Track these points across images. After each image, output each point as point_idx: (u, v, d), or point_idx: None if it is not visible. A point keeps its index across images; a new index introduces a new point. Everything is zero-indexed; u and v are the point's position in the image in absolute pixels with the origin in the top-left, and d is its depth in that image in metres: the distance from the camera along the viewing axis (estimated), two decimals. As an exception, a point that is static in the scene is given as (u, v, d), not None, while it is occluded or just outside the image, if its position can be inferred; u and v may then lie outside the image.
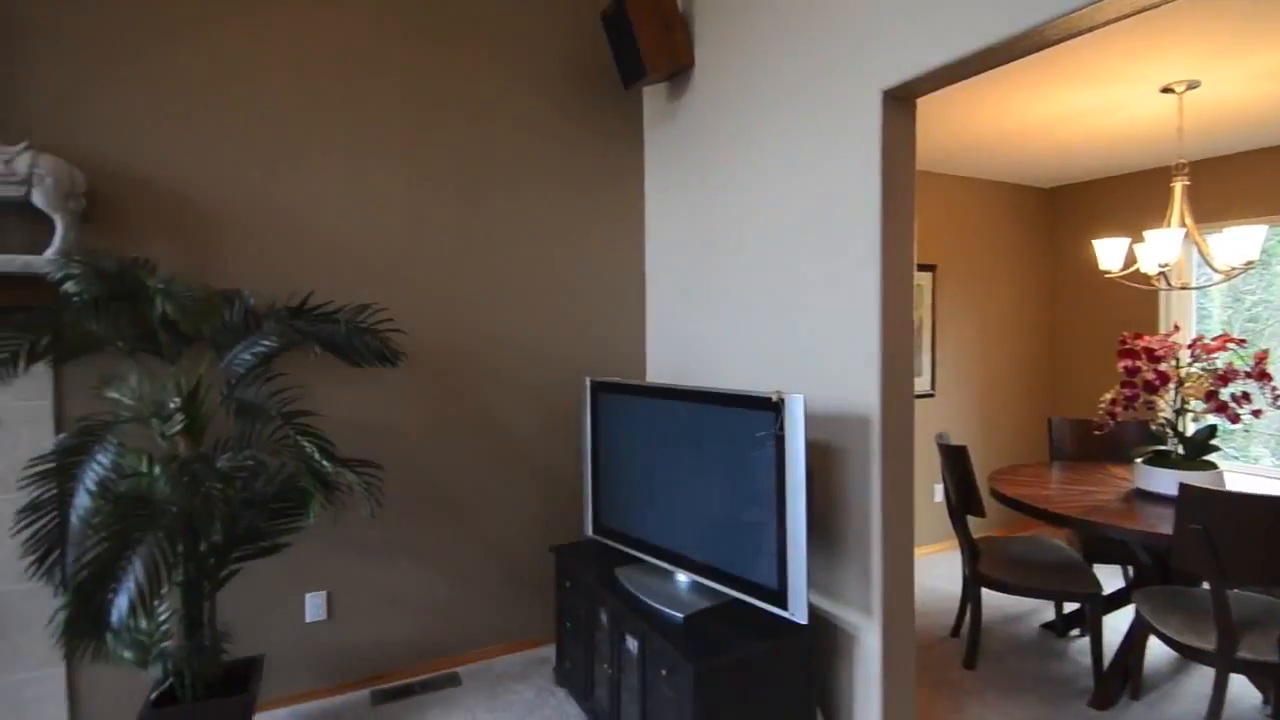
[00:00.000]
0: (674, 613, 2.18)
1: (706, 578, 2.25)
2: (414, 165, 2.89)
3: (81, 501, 1.90)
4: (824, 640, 2.24)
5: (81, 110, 2.38)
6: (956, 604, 3.70)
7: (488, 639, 3.06)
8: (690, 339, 3.05)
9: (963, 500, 3.05)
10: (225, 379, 2.23)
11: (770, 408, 2.00)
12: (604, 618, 2.43)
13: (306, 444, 2.16)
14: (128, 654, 2.05)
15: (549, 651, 3.10)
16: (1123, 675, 2.77)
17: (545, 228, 3.17)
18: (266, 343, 2.22)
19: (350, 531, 2.76)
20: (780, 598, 1.99)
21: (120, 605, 1.83)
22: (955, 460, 3.05)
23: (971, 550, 3.04)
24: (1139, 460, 2.95)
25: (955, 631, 3.33)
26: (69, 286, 2.04)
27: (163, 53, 2.49)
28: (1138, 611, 2.61)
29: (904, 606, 2.09)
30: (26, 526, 1.96)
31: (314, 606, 2.72)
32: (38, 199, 2.20)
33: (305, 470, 2.17)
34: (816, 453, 2.25)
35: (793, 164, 2.36)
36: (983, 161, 4.31)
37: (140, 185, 2.45)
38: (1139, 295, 4.47)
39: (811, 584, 2.31)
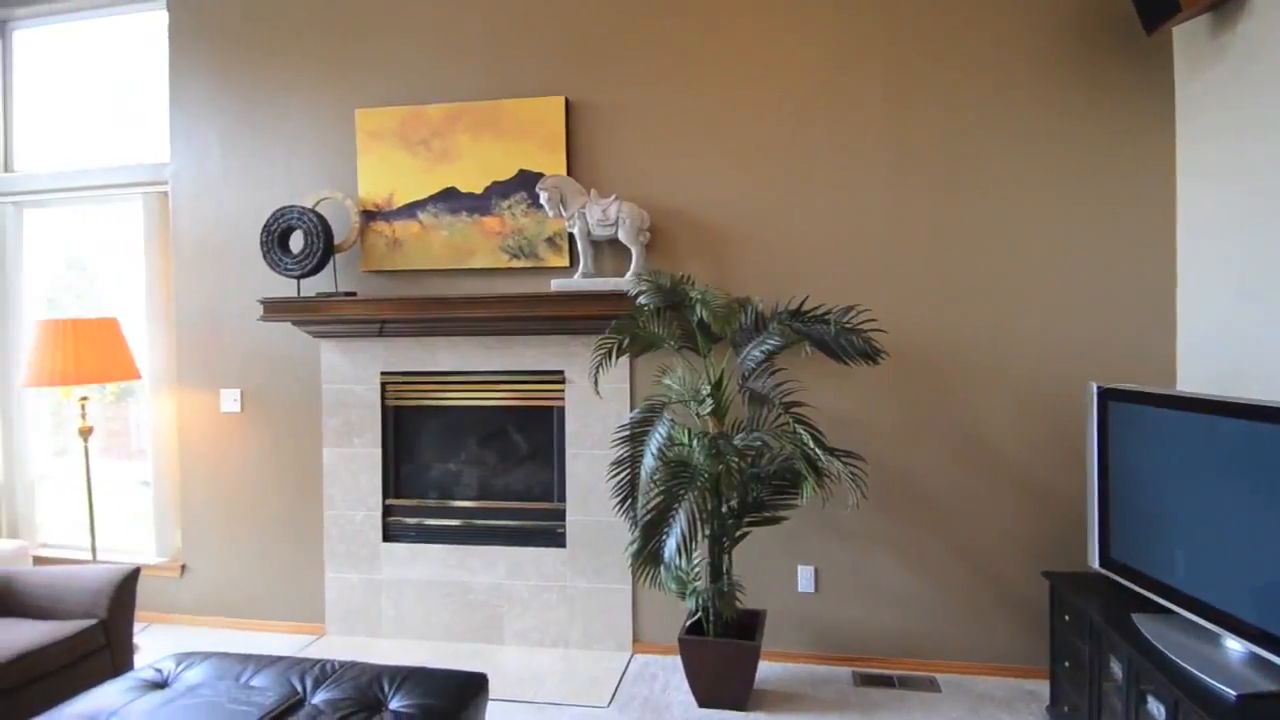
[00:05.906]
0: (1223, 687, 1.77)
1: (1271, 651, 1.77)
2: (892, 163, 2.96)
3: (647, 462, 2.53)
4: None
5: (644, 169, 3.15)
6: None
7: (965, 653, 2.95)
8: (1245, 341, 2.38)
9: None
10: (740, 372, 2.67)
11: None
12: (1116, 668, 2.12)
13: (802, 431, 2.45)
14: (673, 585, 2.66)
15: (1036, 685, 2.82)
16: None
17: (1037, 214, 2.87)
18: (771, 342, 2.59)
19: (835, 516, 2.96)
20: None
21: (670, 546, 2.40)
22: None
23: None
24: None
25: None
26: (641, 299, 2.74)
27: (686, 117, 3.12)
28: None
29: None
30: (613, 476, 2.71)
31: (805, 578, 3.04)
32: (621, 235, 3.01)
33: (800, 454, 2.47)
34: None
35: None
36: None
37: (679, 218, 3.12)
38: None
39: None
